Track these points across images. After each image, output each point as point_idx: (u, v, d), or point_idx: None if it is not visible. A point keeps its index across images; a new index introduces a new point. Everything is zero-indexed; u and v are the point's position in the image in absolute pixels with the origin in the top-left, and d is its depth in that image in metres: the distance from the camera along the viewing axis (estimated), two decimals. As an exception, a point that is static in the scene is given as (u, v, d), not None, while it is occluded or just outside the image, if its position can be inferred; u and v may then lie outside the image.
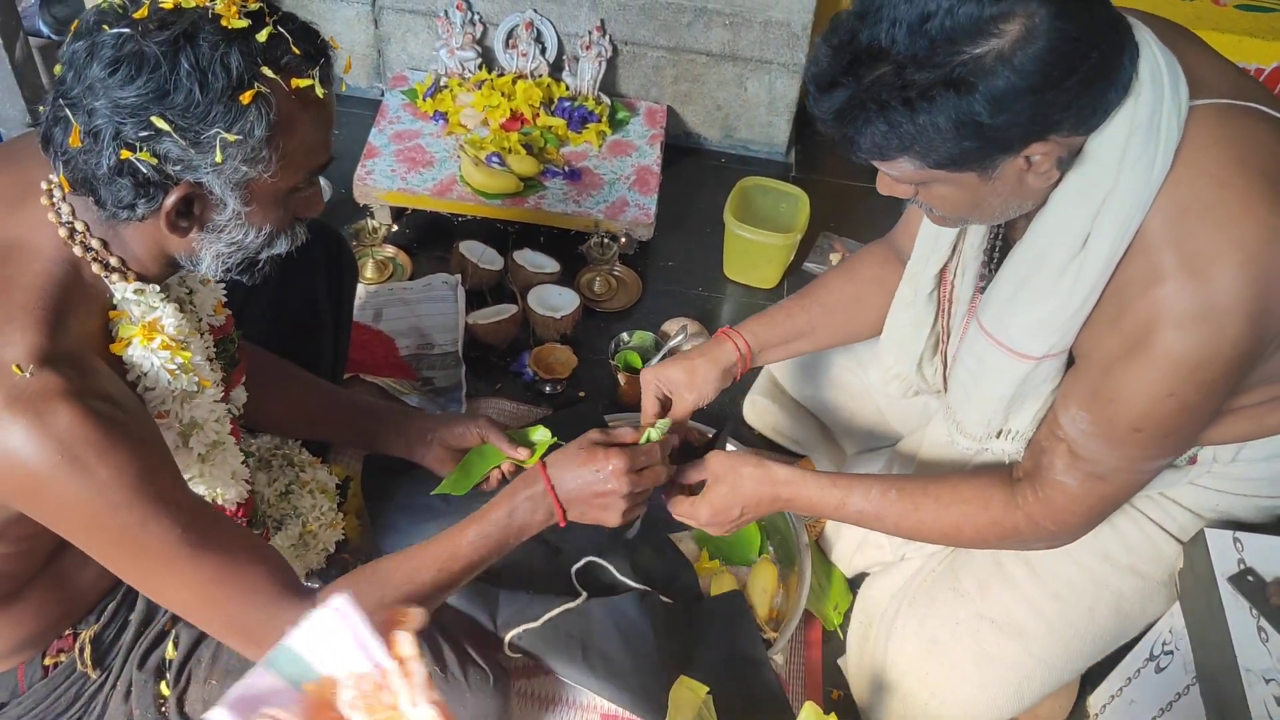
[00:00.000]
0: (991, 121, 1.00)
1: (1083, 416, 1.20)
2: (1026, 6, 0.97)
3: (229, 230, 1.08)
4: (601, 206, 2.38)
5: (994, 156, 1.06)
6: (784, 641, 1.62)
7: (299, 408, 1.52)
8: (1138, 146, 1.07)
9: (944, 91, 0.99)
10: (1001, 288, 1.26)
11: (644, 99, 2.69)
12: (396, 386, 2.00)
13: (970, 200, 1.15)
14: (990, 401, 1.32)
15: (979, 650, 1.46)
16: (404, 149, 2.45)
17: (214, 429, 1.19)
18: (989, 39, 0.98)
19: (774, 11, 2.49)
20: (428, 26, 2.63)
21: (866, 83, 1.02)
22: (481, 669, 1.39)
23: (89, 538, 1.05)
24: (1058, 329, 1.20)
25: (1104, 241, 1.11)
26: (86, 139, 0.98)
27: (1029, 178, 1.10)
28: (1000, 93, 0.99)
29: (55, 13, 2.36)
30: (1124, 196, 1.09)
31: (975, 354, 1.33)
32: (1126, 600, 1.45)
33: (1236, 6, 2.70)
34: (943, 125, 1.01)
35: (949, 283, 1.43)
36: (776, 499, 1.41)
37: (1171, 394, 1.12)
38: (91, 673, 1.28)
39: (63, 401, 0.97)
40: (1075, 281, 1.15)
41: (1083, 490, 1.23)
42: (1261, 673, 1.20)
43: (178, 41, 0.95)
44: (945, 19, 0.98)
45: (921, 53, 0.99)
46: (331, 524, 1.52)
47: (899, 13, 0.99)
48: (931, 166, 1.07)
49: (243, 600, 1.10)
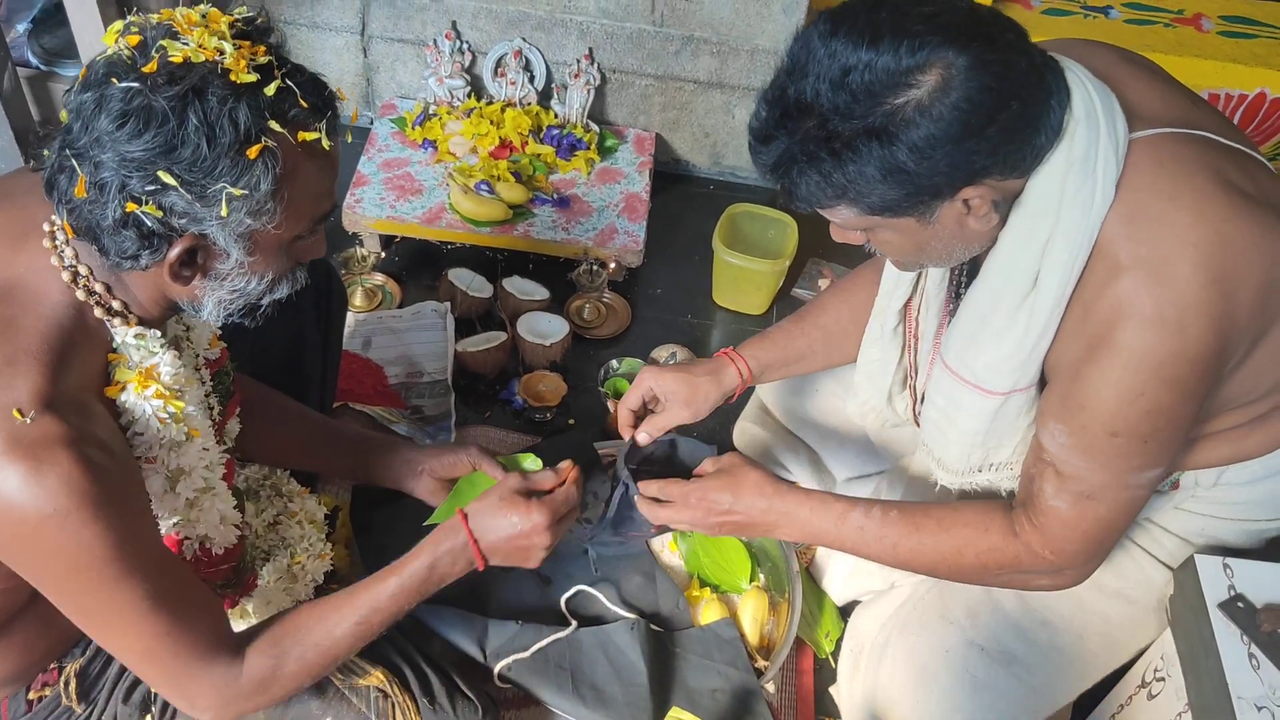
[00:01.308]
0: (916, 169, 1.04)
1: (1059, 429, 1.20)
2: (943, 58, 1.01)
3: (232, 278, 1.08)
4: (590, 234, 2.38)
5: (927, 202, 1.10)
6: (775, 670, 1.62)
7: (289, 439, 1.52)
8: (1074, 184, 1.10)
9: (867, 142, 1.03)
10: (961, 326, 1.28)
11: (632, 126, 2.70)
12: (385, 415, 2.00)
13: (915, 245, 1.18)
14: (966, 437, 1.33)
15: (969, 678, 1.46)
16: (393, 177, 2.46)
17: (203, 475, 1.18)
18: (907, 90, 1.01)
19: (760, 40, 2.50)
20: (417, 55, 2.65)
21: (797, 136, 1.07)
22: (470, 700, 1.38)
23: (55, 587, 1.05)
24: (1019, 365, 1.22)
25: (1053, 278, 1.14)
26: (92, 190, 0.97)
27: (969, 221, 1.13)
28: (921, 141, 1.02)
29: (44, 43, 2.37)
30: (1067, 234, 1.12)
31: (943, 392, 1.34)
32: (1116, 627, 1.45)
33: (1219, 33, 2.73)
34: (870, 174, 1.05)
35: (913, 318, 1.45)
36: (770, 509, 1.38)
37: (1141, 393, 1.12)
38: (76, 707, 1.27)
39: (62, 450, 0.97)
40: (1030, 318, 1.18)
41: (1075, 513, 1.23)
42: (1253, 700, 1.19)
43: (186, 96, 0.95)
44: (865, 72, 1.02)
45: (843, 105, 1.03)
46: (320, 555, 1.51)
47: (822, 68, 1.04)
48: (869, 213, 1.11)
49: (180, 658, 1.12)
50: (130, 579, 1.04)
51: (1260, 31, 2.74)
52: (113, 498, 1.01)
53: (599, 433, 2.09)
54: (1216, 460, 1.33)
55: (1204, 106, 1.21)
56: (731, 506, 1.39)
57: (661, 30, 2.52)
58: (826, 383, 1.84)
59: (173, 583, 1.10)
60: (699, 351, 2.24)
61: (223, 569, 1.26)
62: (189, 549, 1.20)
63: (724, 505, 1.39)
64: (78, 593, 1.05)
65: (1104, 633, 1.46)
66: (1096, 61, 1.17)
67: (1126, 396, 1.13)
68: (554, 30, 2.54)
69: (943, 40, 1.01)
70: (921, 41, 1.01)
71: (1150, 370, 1.10)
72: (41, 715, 1.26)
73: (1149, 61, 1.24)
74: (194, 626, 1.13)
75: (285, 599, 1.45)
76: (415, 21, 2.58)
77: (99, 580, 1.03)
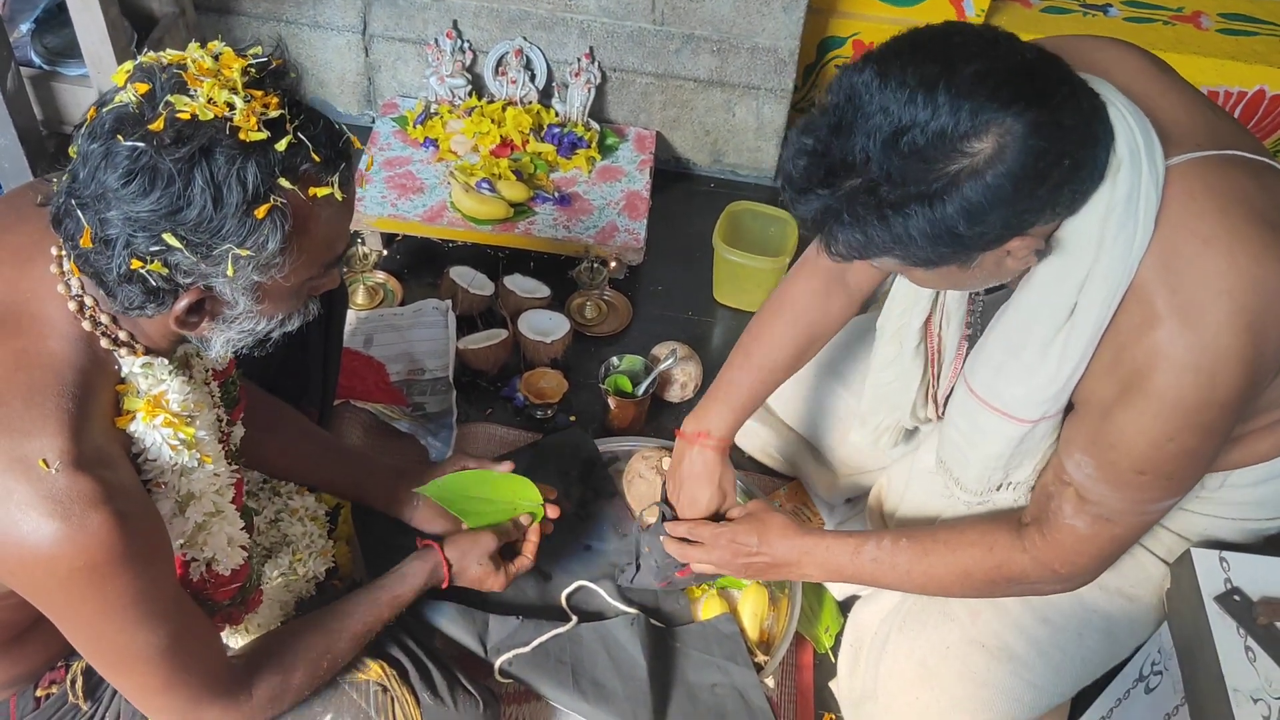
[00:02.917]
0: (967, 232, 1.02)
1: (1086, 461, 1.21)
2: (1000, 124, 0.97)
3: (240, 322, 1.07)
4: (591, 232, 2.39)
5: (973, 254, 1.08)
6: (775, 665, 1.63)
7: (289, 452, 1.52)
8: (1115, 225, 1.08)
9: (918, 206, 1.00)
10: (990, 354, 1.27)
11: (633, 125, 2.71)
12: (387, 412, 2.01)
13: (949, 282, 1.19)
14: (988, 461, 1.33)
15: (969, 674, 1.46)
16: (394, 175, 2.46)
17: (213, 500, 1.18)
18: (962, 157, 0.98)
19: (760, 38, 2.51)
20: (418, 54, 2.65)
21: (841, 194, 1.03)
22: (471, 694, 1.39)
23: (73, 627, 1.06)
24: (1051, 396, 1.21)
25: (1090, 315, 1.13)
26: (98, 243, 0.96)
27: (1008, 262, 1.12)
28: (973, 206, 1.00)
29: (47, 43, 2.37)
30: (1106, 272, 1.10)
31: (967, 416, 1.33)
32: (1116, 623, 1.46)
33: (1218, 30, 2.73)
34: (917, 236, 1.02)
35: (934, 334, 1.45)
36: (793, 549, 1.47)
37: (1172, 439, 1.13)
38: (83, 704, 1.27)
39: (94, 510, 0.97)
40: (1064, 351, 1.17)
41: (1092, 532, 1.24)
42: (1249, 693, 1.20)
43: (193, 158, 0.92)
44: (918, 135, 0.98)
45: (895, 168, 0.99)
46: (321, 552, 1.52)
47: (873, 125, 0.99)
48: (911, 265, 1.10)
49: (192, 694, 1.14)
50: (149, 623, 1.05)
51: (1260, 29, 2.74)
52: (139, 548, 1.01)
53: (600, 429, 2.10)
54: (1228, 464, 1.33)
55: (1220, 113, 1.20)
56: (759, 548, 1.47)
57: (662, 29, 2.52)
58: (829, 381, 1.85)
59: (186, 622, 1.12)
60: (699, 349, 2.24)
61: (229, 589, 1.26)
62: (195, 570, 1.21)
63: (751, 547, 1.47)
64: (96, 635, 1.06)
65: (1104, 629, 1.46)
66: (1124, 74, 1.16)
67: (1157, 440, 1.13)
68: (555, 29, 2.55)
69: (999, 105, 0.97)
70: (977, 105, 0.97)
71: (1182, 417, 1.11)
72: (48, 712, 1.26)
73: (1167, 65, 1.23)
74: (204, 663, 1.15)
75: (288, 596, 1.46)
76: (416, 20, 2.59)
77: (120, 625, 1.04)
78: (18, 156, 2.22)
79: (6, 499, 0.95)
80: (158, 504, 1.11)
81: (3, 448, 0.96)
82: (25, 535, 0.95)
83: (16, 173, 2.24)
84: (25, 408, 0.98)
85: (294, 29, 2.64)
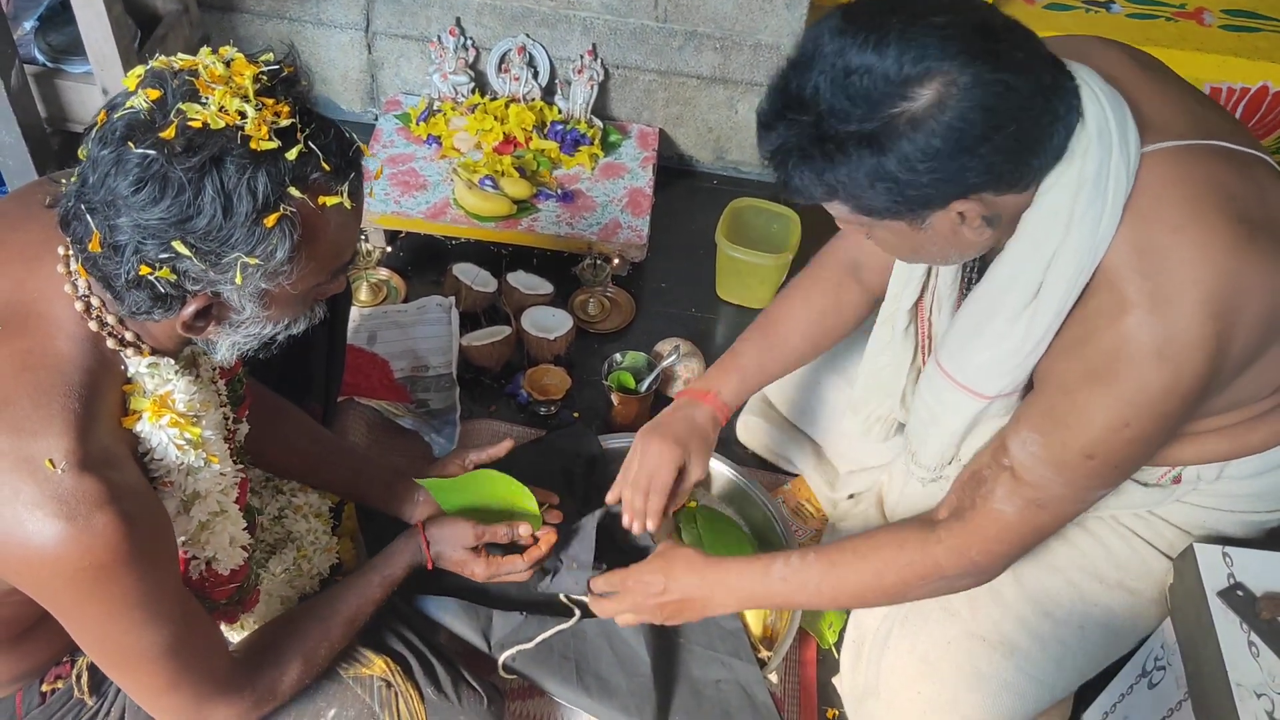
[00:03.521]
0: (905, 179, 1.04)
1: (1034, 439, 1.21)
2: (944, 74, 0.99)
3: (247, 326, 1.07)
4: (594, 228, 2.39)
5: (917, 210, 1.09)
6: (778, 660, 1.63)
7: (291, 451, 1.53)
8: (1084, 203, 1.09)
9: (858, 147, 1.03)
10: (959, 329, 1.29)
11: (636, 122, 2.71)
12: (391, 409, 2.01)
13: (909, 246, 1.19)
14: (945, 436, 1.36)
15: (972, 669, 1.47)
16: (398, 173, 2.47)
17: (217, 499, 1.19)
18: (903, 101, 1.00)
19: (763, 35, 2.51)
20: (421, 52, 2.65)
21: (794, 130, 1.06)
22: (475, 690, 1.39)
23: (79, 627, 1.07)
24: (1010, 371, 1.23)
25: (1055, 292, 1.15)
26: (106, 248, 0.96)
27: (963, 231, 1.13)
28: (910, 154, 1.02)
29: (51, 40, 2.38)
30: (1072, 250, 1.12)
31: (933, 391, 1.35)
32: (1117, 617, 1.46)
33: (1221, 26, 2.73)
34: (859, 178, 1.05)
35: (925, 318, 1.45)
36: (702, 582, 1.43)
37: (1128, 424, 1.14)
38: (88, 699, 1.28)
39: (100, 510, 0.97)
40: (1029, 327, 1.19)
41: (1019, 518, 1.24)
42: (1253, 688, 1.20)
43: (204, 167, 0.93)
44: (864, 77, 1.01)
45: (840, 107, 1.02)
46: (326, 548, 1.52)
47: (826, 65, 1.03)
48: (860, 213, 1.11)
49: (195, 693, 1.15)
50: (153, 623, 1.06)
51: (1262, 25, 2.73)
52: (145, 548, 1.02)
53: (602, 426, 2.10)
54: (1220, 455, 1.34)
55: (1210, 106, 1.21)
56: (666, 586, 1.44)
57: (665, 26, 2.52)
58: (830, 375, 1.85)
59: (190, 621, 1.12)
60: (702, 345, 2.24)
61: (227, 589, 1.27)
62: (195, 569, 1.21)
63: (658, 587, 1.44)
64: (101, 635, 1.07)
65: (1106, 624, 1.46)
66: (1108, 65, 1.17)
67: (1113, 425, 1.14)
68: (557, 26, 2.55)
69: (945, 54, 0.99)
70: (924, 53, 0.99)
71: (1143, 404, 1.12)
72: (54, 708, 1.27)
73: (1156, 61, 1.24)
74: (208, 660, 1.16)
75: (291, 593, 1.47)
76: (419, 18, 2.59)
77: (125, 625, 1.05)
78: (22, 154, 2.22)
79: (13, 499, 0.95)
80: (164, 503, 1.11)
81: (9, 448, 0.96)
82: (31, 535, 0.96)
83: (20, 170, 2.24)
84: (32, 408, 0.98)
85: (297, 26, 2.64)
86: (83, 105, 2.35)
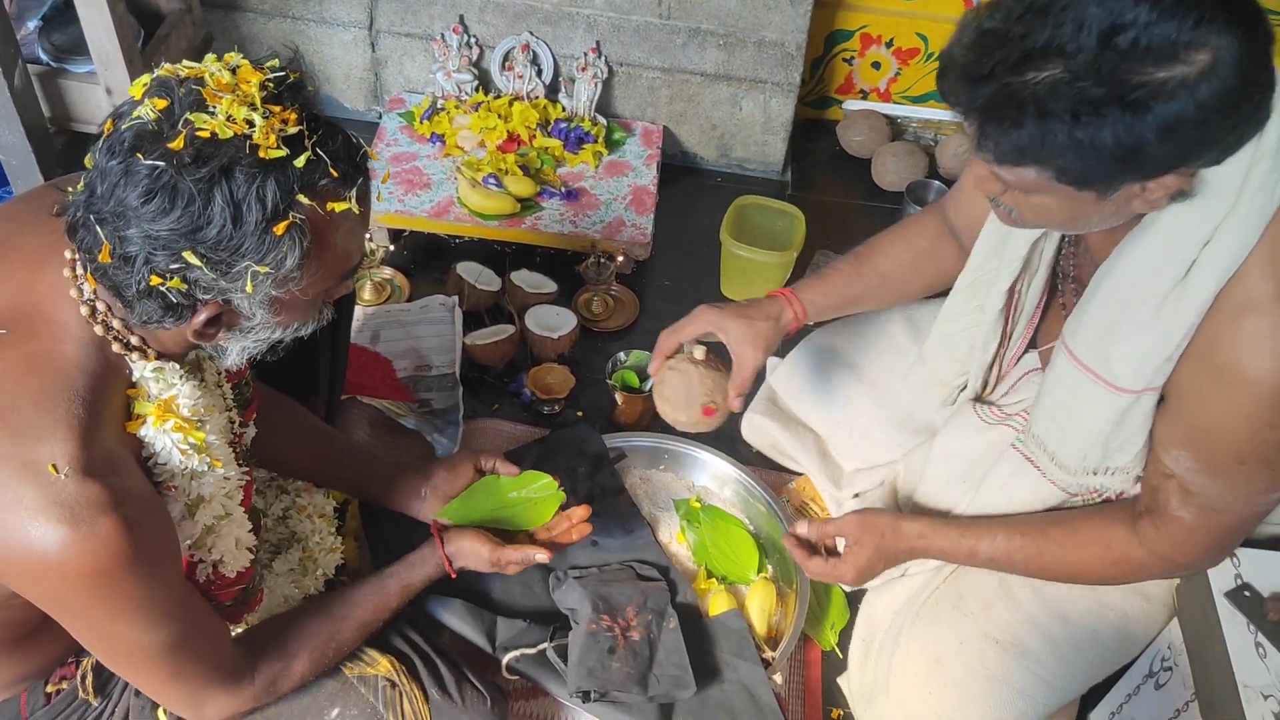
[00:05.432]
0: (1154, 148, 0.96)
1: (1184, 455, 1.18)
2: (1219, 39, 0.92)
3: (257, 331, 1.07)
4: (598, 226, 2.39)
5: (1129, 179, 1.02)
6: (782, 660, 1.62)
7: (296, 450, 1.53)
8: (1261, 175, 1.04)
9: (1116, 110, 0.94)
10: (1096, 314, 1.22)
11: (640, 119, 2.70)
12: (394, 408, 2.01)
13: (1069, 213, 1.10)
14: (1088, 435, 1.28)
15: (983, 670, 1.46)
16: (401, 171, 2.46)
17: (222, 503, 1.19)
18: (1176, 65, 0.92)
19: (767, 32, 2.50)
20: (424, 50, 2.65)
21: (1034, 84, 0.95)
22: (479, 691, 1.39)
23: (83, 628, 1.07)
24: (1158, 362, 1.16)
25: (1211, 270, 1.09)
26: (117, 259, 0.96)
27: (1136, 202, 1.06)
28: (1172, 121, 0.94)
29: (54, 40, 2.38)
30: (1239, 224, 1.06)
31: (1066, 385, 1.28)
32: (1131, 621, 1.45)
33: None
34: (1101, 145, 0.96)
35: (1018, 294, 1.42)
36: (912, 551, 1.45)
37: (1273, 425, 1.10)
38: (93, 700, 1.28)
39: (102, 515, 0.97)
40: (1176, 313, 1.12)
41: (1199, 522, 1.22)
42: (1260, 689, 1.20)
43: (214, 178, 0.92)
44: (1139, 33, 0.92)
45: (1105, 64, 0.93)
46: (331, 549, 1.52)
47: (1088, 14, 0.93)
48: (1058, 180, 1.02)
49: (198, 684, 1.17)
50: (156, 623, 1.06)
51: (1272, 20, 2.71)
52: (147, 552, 1.02)
53: (607, 425, 2.10)
54: None
55: None
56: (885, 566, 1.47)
57: (668, 23, 2.52)
58: (838, 373, 1.85)
59: (193, 619, 1.13)
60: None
61: (233, 590, 1.26)
62: (202, 571, 1.21)
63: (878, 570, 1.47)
64: (104, 635, 1.08)
65: (1119, 627, 1.46)
66: None
67: (1257, 427, 1.11)
68: (561, 24, 2.55)
69: (1225, 19, 0.92)
70: (1209, 15, 0.91)
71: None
72: (59, 708, 1.27)
73: None
74: (210, 654, 1.17)
75: (296, 592, 1.46)
76: (423, 16, 2.58)
77: (127, 626, 1.05)
78: (25, 154, 2.22)
79: (16, 504, 0.95)
80: (169, 507, 1.12)
81: (13, 452, 0.96)
82: (34, 540, 0.96)
83: (24, 170, 2.24)
84: (36, 413, 0.98)
85: (300, 25, 2.64)
86: (86, 105, 2.34)
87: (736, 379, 1.50)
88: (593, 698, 1.49)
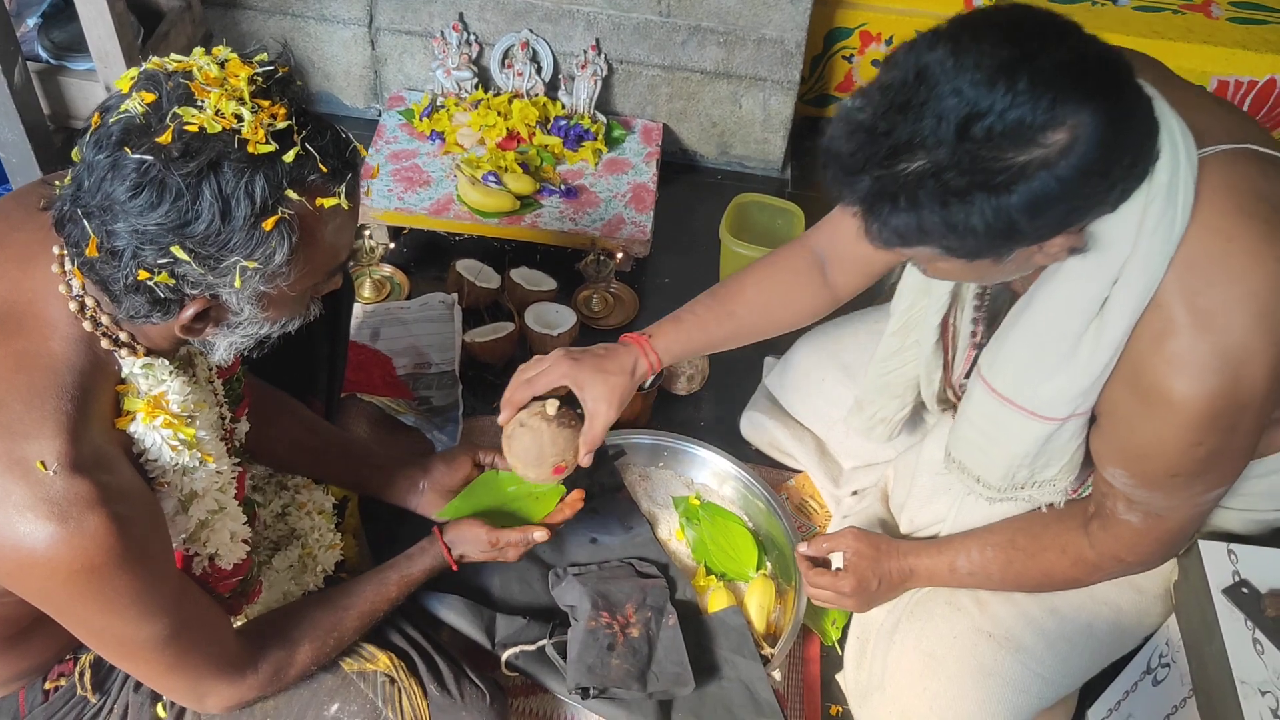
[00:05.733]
0: (1026, 226, 0.98)
1: (1120, 473, 1.23)
2: (1076, 116, 0.94)
3: (245, 327, 1.07)
4: (598, 224, 2.39)
5: (1016, 248, 1.04)
6: (781, 657, 1.63)
7: (294, 445, 1.53)
8: (1155, 215, 1.06)
9: (982, 195, 0.96)
10: (1012, 350, 1.25)
11: (640, 117, 2.70)
12: (393, 406, 2.01)
13: (974, 275, 1.16)
14: (1011, 459, 1.31)
15: (978, 665, 1.46)
16: (401, 169, 2.46)
17: (215, 497, 1.19)
18: (1033, 148, 0.94)
19: (767, 29, 2.50)
20: (424, 47, 2.65)
21: (904, 175, 0.98)
22: (478, 687, 1.39)
23: (79, 624, 1.08)
24: (1082, 392, 1.19)
25: (1124, 307, 1.11)
26: (104, 253, 0.96)
27: (1037, 257, 1.09)
28: (1038, 199, 0.96)
29: (54, 38, 2.38)
30: (1144, 262, 1.08)
31: (986, 414, 1.31)
32: (1125, 615, 1.46)
33: (1229, 19, 2.71)
34: (974, 227, 0.98)
35: (950, 326, 1.45)
36: (904, 571, 1.51)
37: (1200, 443, 1.13)
38: (91, 697, 1.28)
39: (91, 512, 0.97)
40: (1095, 347, 1.15)
41: (1146, 526, 1.27)
42: (1257, 685, 1.20)
43: (202, 172, 0.92)
44: (994, 121, 0.94)
45: (964, 154, 0.95)
46: (330, 545, 1.52)
47: (945, 107, 0.95)
48: (950, 256, 1.05)
49: (198, 674, 1.17)
50: (151, 617, 1.06)
51: (1270, 17, 2.72)
52: (139, 547, 1.02)
53: (606, 422, 2.10)
54: None
55: (1236, 113, 1.20)
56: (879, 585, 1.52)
57: (668, 20, 2.52)
58: (834, 372, 1.85)
59: (190, 611, 1.13)
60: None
61: (230, 583, 1.27)
62: (198, 565, 1.21)
63: (873, 588, 1.53)
64: (99, 630, 1.08)
65: (1113, 621, 1.46)
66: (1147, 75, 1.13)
67: (1184, 446, 1.14)
68: (561, 21, 2.55)
69: (1079, 97, 0.94)
70: (1060, 97, 0.93)
71: (1208, 422, 1.11)
72: (57, 705, 1.27)
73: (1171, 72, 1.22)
74: (209, 646, 1.17)
75: (295, 589, 1.47)
76: (422, 14, 2.58)
77: (122, 621, 1.05)
78: (25, 151, 2.22)
79: (4, 501, 0.95)
80: (162, 503, 1.11)
81: (1, 450, 0.96)
82: (23, 537, 0.96)
83: (23, 167, 2.25)
84: (25, 409, 0.98)
85: (300, 22, 2.64)
86: (86, 102, 2.35)
87: (588, 435, 1.50)
88: (592, 694, 1.49)
